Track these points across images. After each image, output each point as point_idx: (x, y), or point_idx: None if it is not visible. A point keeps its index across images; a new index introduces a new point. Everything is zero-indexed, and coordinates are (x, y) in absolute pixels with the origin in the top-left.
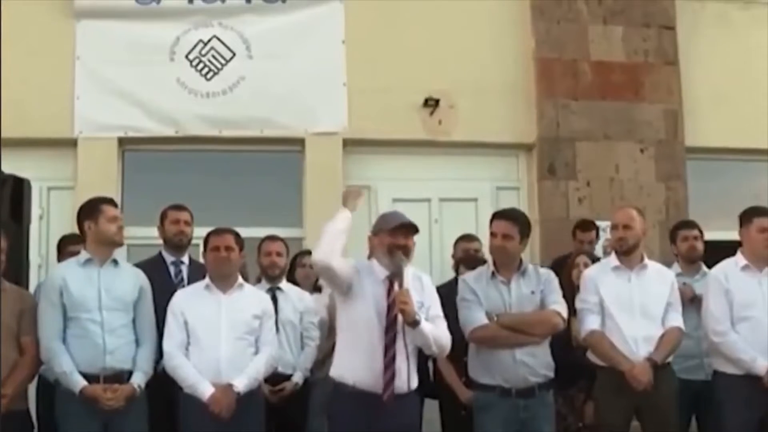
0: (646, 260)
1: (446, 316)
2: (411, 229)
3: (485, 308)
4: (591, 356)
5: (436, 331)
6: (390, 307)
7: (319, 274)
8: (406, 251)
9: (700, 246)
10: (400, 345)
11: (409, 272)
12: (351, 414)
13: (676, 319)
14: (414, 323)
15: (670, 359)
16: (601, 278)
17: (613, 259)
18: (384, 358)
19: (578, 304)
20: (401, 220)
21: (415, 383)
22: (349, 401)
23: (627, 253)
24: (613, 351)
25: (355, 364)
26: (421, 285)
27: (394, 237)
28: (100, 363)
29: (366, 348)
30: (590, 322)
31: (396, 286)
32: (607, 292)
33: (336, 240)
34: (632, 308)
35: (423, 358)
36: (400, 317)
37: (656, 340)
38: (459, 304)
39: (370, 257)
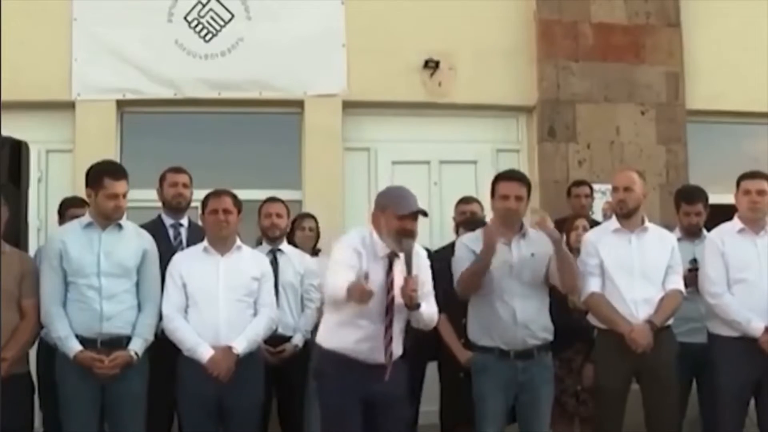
0: (647, 223)
1: (447, 279)
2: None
3: None
4: (591, 318)
5: (429, 310)
6: (389, 289)
7: None
8: (412, 235)
9: (700, 221)
10: (394, 321)
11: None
12: (338, 378)
13: (677, 282)
14: (417, 306)
15: (670, 322)
16: (602, 240)
17: (613, 222)
18: (384, 338)
19: (578, 267)
20: (413, 208)
21: (400, 351)
22: (337, 367)
23: (627, 215)
24: (613, 313)
25: (350, 337)
26: (418, 261)
27: (402, 221)
28: (96, 329)
29: (361, 322)
30: (590, 285)
31: (404, 272)
32: (608, 254)
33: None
34: (632, 271)
35: None
36: (397, 298)
37: (656, 303)
38: (453, 264)
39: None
